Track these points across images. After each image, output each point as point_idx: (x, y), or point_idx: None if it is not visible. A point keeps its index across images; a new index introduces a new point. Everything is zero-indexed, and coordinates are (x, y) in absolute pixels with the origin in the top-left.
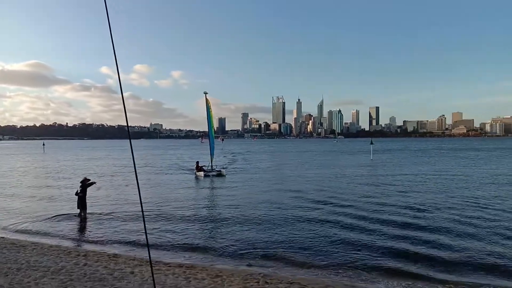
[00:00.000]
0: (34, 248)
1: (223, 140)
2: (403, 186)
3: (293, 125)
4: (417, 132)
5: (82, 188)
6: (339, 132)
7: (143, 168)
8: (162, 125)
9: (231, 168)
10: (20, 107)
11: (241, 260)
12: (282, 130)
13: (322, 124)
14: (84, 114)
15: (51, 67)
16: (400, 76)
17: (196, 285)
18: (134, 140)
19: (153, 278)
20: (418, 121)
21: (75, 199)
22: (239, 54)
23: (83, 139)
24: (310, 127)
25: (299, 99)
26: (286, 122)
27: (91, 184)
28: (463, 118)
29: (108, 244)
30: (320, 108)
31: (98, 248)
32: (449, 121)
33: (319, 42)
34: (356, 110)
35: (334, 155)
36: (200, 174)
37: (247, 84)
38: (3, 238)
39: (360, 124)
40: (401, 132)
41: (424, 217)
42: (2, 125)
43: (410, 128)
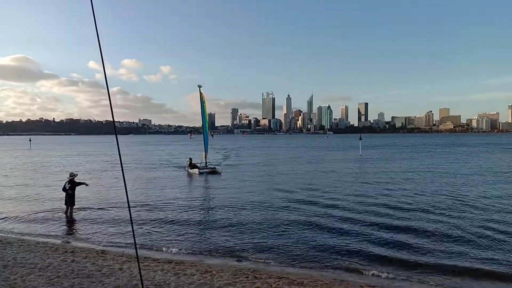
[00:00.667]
0: (21, 245)
1: (213, 135)
2: (391, 183)
3: (283, 121)
4: (405, 128)
5: (71, 185)
6: (329, 128)
7: (133, 164)
8: (151, 120)
9: (224, 164)
10: (6, 102)
11: (230, 256)
12: (272, 126)
13: (311, 120)
14: (71, 110)
15: (38, 62)
16: (388, 72)
17: (186, 280)
18: (122, 136)
19: (140, 274)
20: (406, 117)
21: (63, 195)
22: (229, 49)
23: (71, 134)
24: (300, 123)
25: (288, 95)
26: (276, 118)
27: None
28: (450, 114)
29: (96, 241)
30: (310, 104)
31: (86, 245)
32: (436, 117)
33: (308, 38)
34: (345, 106)
35: (324, 150)
36: (195, 171)
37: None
38: None
39: (349, 120)
40: (389, 128)
41: (410, 214)
42: None
43: (398, 124)
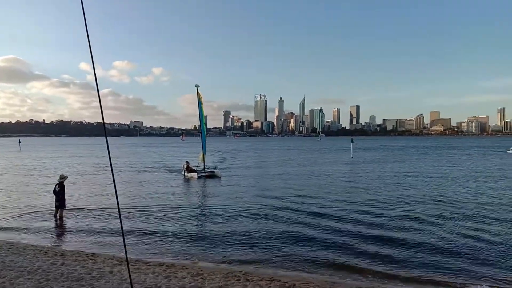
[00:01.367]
0: (10, 248)
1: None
2: (383, 186)
3: (275, 123)
4: (396, 130)
5: (60, 188)
6: (320, 130)
7: (125, 167)
8: (142, 122)
9: (221, 167)
10: None
11: (222, 259)
12: (264, 128)
13: (304, 123)
14: (62, 111)
15: (28, 62)
16: (380, 76)
17: (177, 283)
18: (113, 138)
19: (129, 277)
20: (397, 119)
21: (53, 197)
22: (222, 51)
23: (61, 136)
24: (292, 125)
25: (281, 98)
26: (268, 120)
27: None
28: (441, 117)
29: (87, 243)
30: (302, 106)
31: (76, 248)
32: (427, 120)
33: (301, 40)
34: (337, 109)
35: (316, 153)
36: (193, 175)
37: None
38: None
39: (341, 123)
40: (380, 131)
41: (400, 218)
42: None
43: (390, 127)
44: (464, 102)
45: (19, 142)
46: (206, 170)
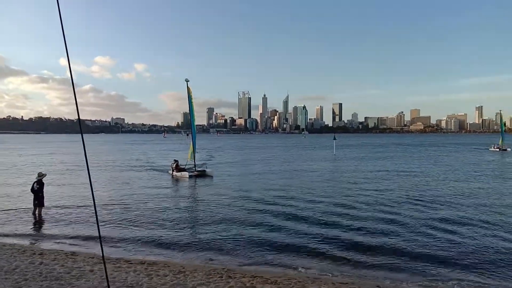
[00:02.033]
0: None
1: (188, 135)
2: (365, 183)
3: (258, 120)
4: (377, 128)
5: (40, 186)
6: (304, 128)
7: (109, 165)
8: (124, 119)
9: (210, 165)
10: None
11: (205, 256)
12: (248, 126)
13: (287, 120)
14: (41, 107)
15: (5, 57)
16: (361, 74)
17: (158, 281)
18: (94, 135)
19: (106, 275)
20: (378, 117)
21: (31, 196)
22: (204, 48)
23: (40, 133)
24: (275, 122)
25: (264, 95)
26: (252, 117)
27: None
28: (421, 115)
29: (66, 242)
30: (286, 104)
31: (55, 246)
32: (407, 117)
33: (284, 38)
34: (320, 106)
35: (301, 150)
36: (184, 175)
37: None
38: None
39: (324, 120)
40: (362, 128)
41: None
42: None
43: (371, 124)
44: (443, 100)
45: None
46: (196, 169)
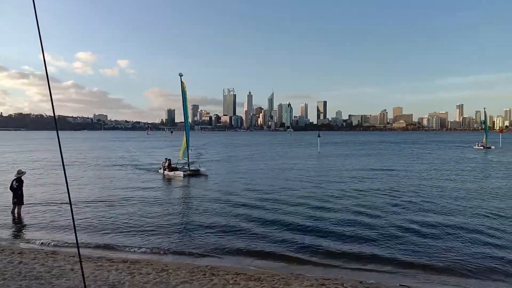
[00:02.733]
0: None
1: (172, 132)
2: (348, 180)
3: (244, 118)
4: (361, 125)
5: (19, 184)
6: (289, 125)
7: (93, 163)
8: (107, 116)
9: (201, 163)
10: None
11: (188, 254)
12: (233, 123)
13: (272, 117)
14: (21, 104)
15: None
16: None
17: (141, 280)
18: (76, 132)
19: (82, 273)
20: (362, 115)
21: (10, 194)
22: (189, 45)
23: (20, 130)
24: (260, 120)
25: (250, 92)
26: (237, 114)
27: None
28: (403, 113)
29: (46, 241)
30: (271, 101)
31: (35, 245)
32: (390, 115)
33: (269, 35)
34: (305, 104)
35: (286, 147)
36: (178, 174)
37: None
38: None
39: (308, 118)
40: (346, 126)
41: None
42: None
43: (355, 122)
44: (425, 99)
45: None
46: (190, 168)
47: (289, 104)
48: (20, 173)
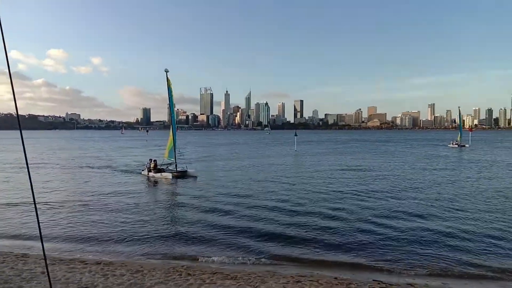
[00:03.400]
0: None
1: (147, 131)
2: (324, 177)
3: (221, 116)
4: (337, 124)
5: None
6: (266, 124)
7: (69, 164)
8: (80, 115)
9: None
10: None
11: (164, 255)
12: (210, 122)
13: (249, 116)
14: None
15: None
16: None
17: (114, 281)
18: (46, 132)
19: (48, 276)
20: (338, 114)
21: None
22: (165, 43)
23: None
24: (238, 119)
25: (227, 91)
26: (214, 113)
27: None
28: (377, 112)
29: (16, 243)
30: (248, 100)
31: (4, 249)
32: (365, 114)
33: (246, 35)
34: (282, 103)
35: (264, 146)
36: (165, 176)
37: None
38: None
39: (285, 117)
40: (322, 125)
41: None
42: None
43: (331, 121)
44: (399, 98)
45: None
46: (176, 169)
47: (266, 103)
48: None
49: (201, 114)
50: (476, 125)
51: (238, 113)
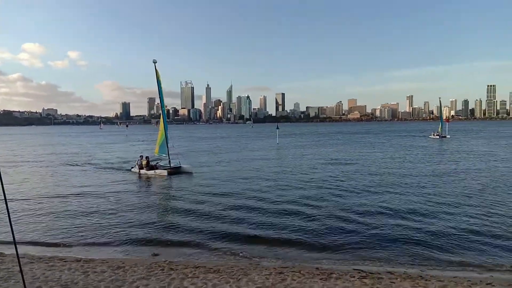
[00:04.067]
0: None
1: (127, 126)
2: (305, 170)
3: (202, 110)
4: (318, 117)
5: None
6: (248, 117)
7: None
8: (57, 110)
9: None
10: None
11: (147, 251)
12: (191, 116)
13: (231, 110)
14: None
15: None
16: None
17: (95, 278)
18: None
19: (21, 274)
20: (319, 107)
21: None
22: (144, 36)
23: None
24: (219, 112)
25: (208, 85)
26: (195, 107)
27: None
28: (357, 104)
29: None
30: (229, 93)
31: None
32: (345, 107)
33: (226, 27)
34: (264, 96)
35: (247, 140)
36: (160, 173)
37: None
38: None
39: (267, 110)
40: (304, 118)
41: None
42: None
43: (312, 114)
44: (378, 90)
45: None
46: (171, 165)
47: (248, 97)
48: None
49: (182, 108)
50: (452, 116)
51: (220, 106)
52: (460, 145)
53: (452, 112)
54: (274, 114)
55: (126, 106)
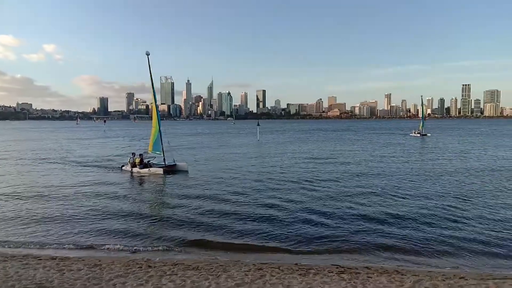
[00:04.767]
0: None
1: (105, 121)
2: (286, 166)
3: (182, 106)
4: (298, 114)
5: None
6: (229, 114)
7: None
8: (31, 104)
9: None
10: None
11: (125, 249)
12: (171, 112)
13: (212, 106)
14: None
15: None
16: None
17: (71, 276)
18: None
19: None
20: (299, 104)
21: None
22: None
23: None
24: (200, 108)
25: (188, 80)
26: (175, 103)
27: None
28: (337, 102)
29: None
30: (210, 90)
31: None
32: (325, 104)
33: (208, 23)
34: (245, 93)
35: (228, 136)
36: (155, 172)
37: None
38: None
39: (248, 107)
40: (284, 115)
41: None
42: None
43: (293, 111)
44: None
45: None
46: (165, 163)
47: (228, 93)
48: None
49: (161, 104)
50: (429, 114)
51: (200, 103)
52: (443, 143)
53: (429, 111)
54: (255, 111)
55: (104, 101)
